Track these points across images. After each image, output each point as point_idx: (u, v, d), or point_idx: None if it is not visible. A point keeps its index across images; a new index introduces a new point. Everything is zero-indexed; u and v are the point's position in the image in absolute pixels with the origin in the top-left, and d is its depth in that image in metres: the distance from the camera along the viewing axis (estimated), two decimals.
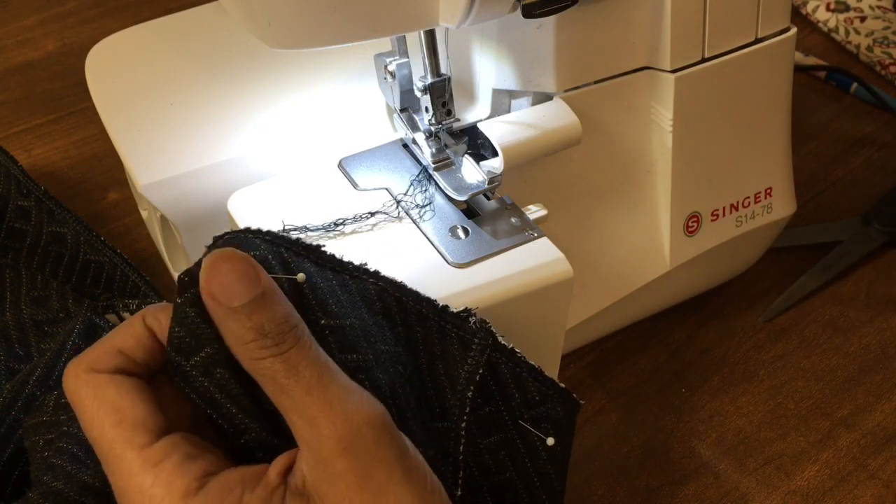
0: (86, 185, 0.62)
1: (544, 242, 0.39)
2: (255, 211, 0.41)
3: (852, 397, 0.50)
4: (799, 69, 0.71)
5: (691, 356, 0.52)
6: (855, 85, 0.70)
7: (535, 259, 0.39)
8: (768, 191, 0.50)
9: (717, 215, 0.48)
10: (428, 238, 0.39)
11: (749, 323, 0.54)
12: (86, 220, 0.53)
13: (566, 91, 0.43)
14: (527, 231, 0.40)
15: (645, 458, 0.47)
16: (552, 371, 0.44)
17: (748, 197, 0.49)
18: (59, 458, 0.36)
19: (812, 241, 0.58)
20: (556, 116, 0.42)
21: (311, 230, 0.39)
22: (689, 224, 0.48)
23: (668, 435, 0.48)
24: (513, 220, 0.40)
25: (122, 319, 0.48)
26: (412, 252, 0.39)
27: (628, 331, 0.53)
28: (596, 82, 0.43)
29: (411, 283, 0.37)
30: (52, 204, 0.55)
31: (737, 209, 0.49)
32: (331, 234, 0.40)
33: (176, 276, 0.51)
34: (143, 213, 0.54)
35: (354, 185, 0.42)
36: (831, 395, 0.50)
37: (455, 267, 0.38)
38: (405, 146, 0.43)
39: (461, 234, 0.40)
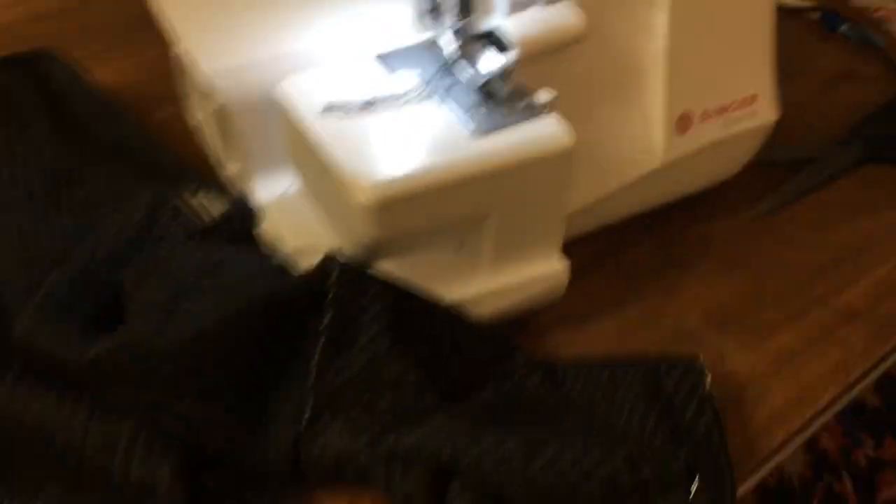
0: (139, 104, 0.69)
1: (550, 119, 0.46)
2: (301, 96, 0.48)
3: (826, 282, 0.57)
4: (792, 10, 0.77)
5: (684, 247, 0.59)
6: (844, 25, 0.76)
7: (542, 132, 0.45)
8: (753, 97, 0.56)
9: (706, 116, 0.55)
10: (451, 114, 0.46)
11: (737, 222, 0.61)
12: None
13: None
14: (535, 110, 0.46)
15: (638, 327, 0.54)
16: (556, 241, 0.50)
17: (735, 101, 0.55)
18: (142, 311, 0.43)
19: (798, 157, 0.65)
20: (564, 16, 0.48)
21: (350, 108, 0.46)
22: (681, 122, 0.54)
23: (660, 307, 0.55)
24: (523, 101, 0.47)
25: (183, 202, 0.54)
26: (437, 126, 0.46)
27: (627, 224, 0.59)
28: None
29: (436, 151, 0.44)
30: (115, 112, 0.62)
31: (724, 112, 0.55)
32: (367, 112, 0.46)
33: (231, 169, 0.58)
34: (198, 117, 0.61)
35: (390, 72, 0.48)
36: (807, 280, 0.57)
37: (473, 138, 0.45)
38: (433, 43, 0.50)
39: (479, 111, 0.46)
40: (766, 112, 0.57)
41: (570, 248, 0.56)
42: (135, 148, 0.60)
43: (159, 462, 0.42)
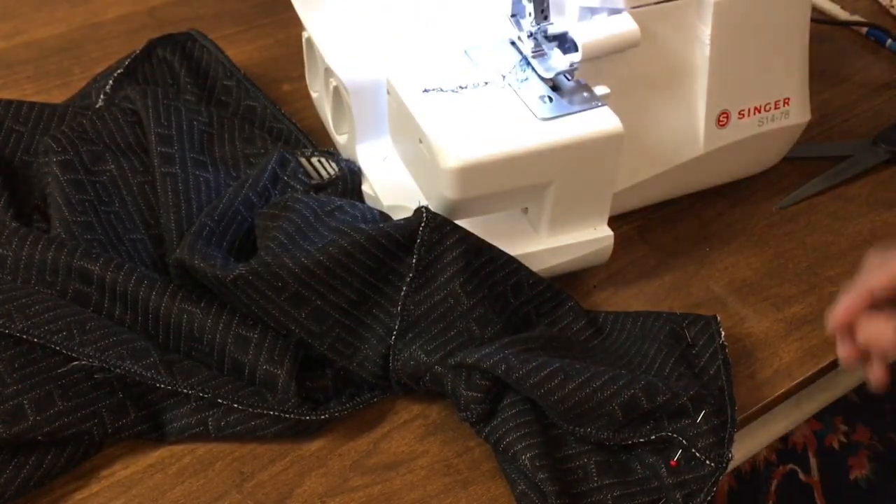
0: (266, 79, 0.81)
1: (605, 109, 0.56)
2: (405, 80, 0.59)
3: (839, 265, 0.65)
4: (843, 24, 0.85)
5: (718, 228, 0.68)
6: (890, 41, 0.83)
7: (598, 119, 0.56)
8: (786, 100, 0.65)
9: (743, 114, 0.64)
10: (523, 101, 0.57)
11: (768, 209, 0.70)
12: None
13: (633, 7, 0.59)
14: (594, 101, 0.56)
15: (670, 289, 0.63)
16: (604, 213, 0.61)
17: (769, 103, 0.64)
18: (272, 242, 0.55)
19: (829, 154, 0.73)
20: (623, 25, 0.58)
21: (444, 90, 0.57)
22: (721, 119, 0.63)
23: (692, 276, 0.64)
24: (584, 94, 0.57)
25: (306, 159, 0.66)
26: (512, 110, 0.56)
27: (671, 204, 0.69)
28: (657, 2, 0.59)
29: (510, 130, 0.54)
30: (248, 84, 0.74)
31: (759, 112, 0.64)
32: (457, 94, 0.57)
33: (338, 139, 0.70)
34: (314, 95, 0.73)
35: (476, 64, 0.59)
36: (823, 262, 0.66)
37: (541, 121, 0.55)
38: (513, 42, 0.61)
39: (547, 100, 0.57)
40: (797, 113, 0.66)
41: (619, 220, 0.67)
42: (265, 116, 0.72)
43: (279, 361, 0.54)
